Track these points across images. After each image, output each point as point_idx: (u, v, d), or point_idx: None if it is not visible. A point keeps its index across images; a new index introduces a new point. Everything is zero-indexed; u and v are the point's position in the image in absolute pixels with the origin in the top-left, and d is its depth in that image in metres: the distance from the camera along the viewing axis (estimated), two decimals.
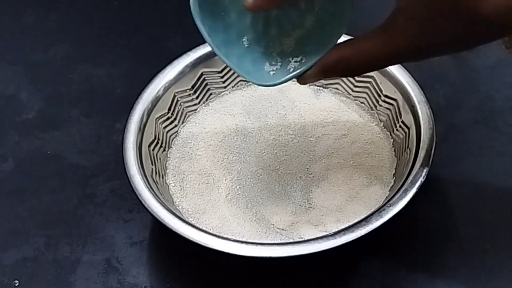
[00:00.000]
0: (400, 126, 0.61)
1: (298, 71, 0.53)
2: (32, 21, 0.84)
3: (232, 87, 0.68)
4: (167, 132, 0.64)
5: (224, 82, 0.67)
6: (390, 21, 0.50)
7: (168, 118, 0.64)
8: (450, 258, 0.58)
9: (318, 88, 0.67)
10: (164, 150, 0.63)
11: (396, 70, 0.62)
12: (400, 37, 0.49)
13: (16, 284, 0.59)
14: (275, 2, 0.51)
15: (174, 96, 0.64)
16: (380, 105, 0.64)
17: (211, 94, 0.67)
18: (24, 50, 0.80)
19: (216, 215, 0.59)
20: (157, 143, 0.62)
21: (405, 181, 0.55)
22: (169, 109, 0.64)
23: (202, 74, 0.66)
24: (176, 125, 0.65)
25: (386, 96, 0.63)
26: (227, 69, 0.67)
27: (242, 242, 0.53)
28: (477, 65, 0.73)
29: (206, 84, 0.67)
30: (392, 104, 0.62)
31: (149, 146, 0.61)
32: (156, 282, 0.59)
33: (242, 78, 0.67)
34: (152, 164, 0.60)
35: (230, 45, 0.54)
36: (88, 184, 0.65)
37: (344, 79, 0.66)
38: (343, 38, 0.53)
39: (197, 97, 0.66)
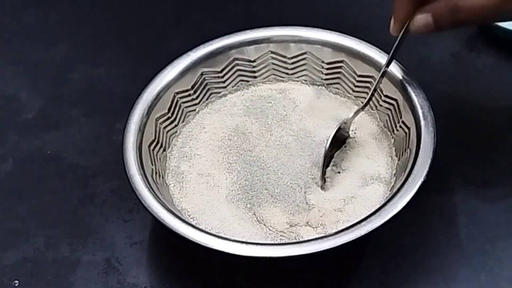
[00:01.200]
0: (400, 126, 0.61)
1: None
2: (32, 21, 0.84)
3: (232, 87, 0.68)
4: (167, 132, 0.64)
5: (224, 82, 0.67)
6: None
7: (168, 118, 0.64)
8: (450, 258, 0.58)
9: (319, 88, 0.67)
10: (164, 150, 0.63)
11: (396, 70, 0.62)
12: None
13: (16, 284, 0.59)
14: None
15: (174, 96, 0.64)
16: (381, 105, 0.64)
17: (211, 94, 0.67)
18: (24, 50, 0.80)
19: (216, 215, 0.59)
20: (157, 143, 0.62)
21: (405, 181, 0.55)
22: (169, 109, 0.64)
23: (202, 74, 0.66)
24: (176, 125, 0.65)
25: (386, 96, 0.63)
26: (227, 69, 0.67)
27: (242, 242, 0.53)
28: (477, 65, 0.73)
29: (206, 84, 0.67)
30: (392, 104, 0.62)
31: (149, 146, 0.61)
32: (156, 282, 0.59)
33: (242, 78, 0.68)
34: (152, 164, 0.60)
35: None
36: (88, 184, 0.65)
37: (345, 79, 0.66)
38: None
39: (197, 97, 0.66)
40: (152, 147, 0.61)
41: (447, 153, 0.64)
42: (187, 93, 0.66)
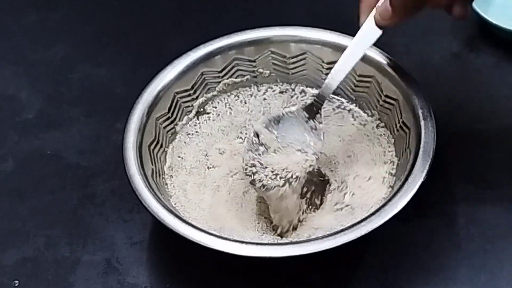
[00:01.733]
0: (400, 126, 0.61)
1: None
2: (32, 21, 0.84)
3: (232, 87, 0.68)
4: (167, 132, 0.64)
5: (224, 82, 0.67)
6: None
7: (168, 118, 0.64)
8: (450, 258, 0.58)
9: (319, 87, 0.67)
10: (164, 150, 0.63)
11: (396, 70, 0.62)
12: None
13: (16, 284, 0.59)
14: None
15: (174, 96, 0.64)
16: (381, 105, 0.64)
17: (211, 94, 0.67)
18: (24, 50, 0.80)
19: (216, 215, 0.59)
20: (157, 143, 0.62)
21: (405, 181, 0.55)
22: (169, 109, 0.64)
23: (202, 74, 0.66)
24: (176, 125, 0.65)
25: (387, 96, 0.63)
26: (227, 69, 0.67)
27: (242, 242, 0.53)
28: (477, 65, 0.73)
29: (206, 84, 0.66)
30: (392, 104, 0.62)
31: (149, 146, 0.61)
32: (156, 282, 0.59)
33: (242, 78, 0.67)
34: (152, 164, 0.60)
35: None
36: (88, 184, 0.65)
37: (345, 79, 0.66)
38: None
39: (197, 97, 0.66)
40: (152, 147, 0.61)
41: (447, 153, 0.64)
42: (187, 93, 0.65)
